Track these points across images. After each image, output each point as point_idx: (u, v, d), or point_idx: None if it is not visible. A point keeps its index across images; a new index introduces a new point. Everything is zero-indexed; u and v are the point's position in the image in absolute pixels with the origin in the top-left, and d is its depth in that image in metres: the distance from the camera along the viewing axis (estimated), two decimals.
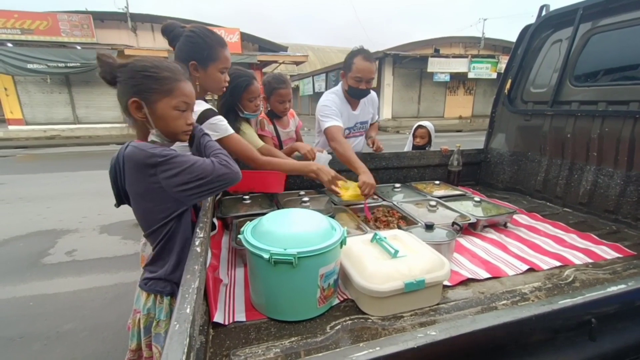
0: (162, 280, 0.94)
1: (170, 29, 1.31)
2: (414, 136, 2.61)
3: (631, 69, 1.60)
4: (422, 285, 0.92)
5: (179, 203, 0.91)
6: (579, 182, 1.76)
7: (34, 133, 11.08)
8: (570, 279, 1.11)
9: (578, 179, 1.77)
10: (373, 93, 2.06)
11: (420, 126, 2.58)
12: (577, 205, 1.77)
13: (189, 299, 0.50)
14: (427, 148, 2.57)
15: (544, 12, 1.92)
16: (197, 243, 0.75)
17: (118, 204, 1.00)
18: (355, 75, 1.75)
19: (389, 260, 0.98)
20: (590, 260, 1.25)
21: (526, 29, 2.02)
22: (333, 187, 1.44)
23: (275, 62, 13.74)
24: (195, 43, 1.25)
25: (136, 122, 0.92)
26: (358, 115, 2.01)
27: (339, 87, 1.94)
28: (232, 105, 1.68)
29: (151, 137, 0.91)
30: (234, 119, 1.67)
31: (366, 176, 1.54)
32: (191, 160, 0.87)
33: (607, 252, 1.31)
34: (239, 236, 0.96)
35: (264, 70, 14.03)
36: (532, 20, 2.01)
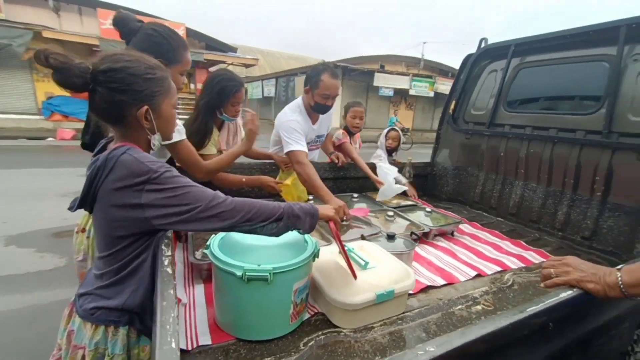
0: (118, 310, 0.81)
1: (125, 22, 1.21)
2: (387, 137, 2.71)
3: (550, 100, 1.89)
4: (391, 295, 0.95)
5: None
6: (510, 195, 2.02)
7: None
8: (510, 283, 1.25)
9: (509, 192, 2.02)
10: None
11: (392, 129, 2.71)
12: (508, 215, 2.02)
13: (171, 331, 0.43)
14: (396, 152, 2.71)
15: (483, 44, 2.18)
16: (165, 263, 0.67)
17: (76, 208, 0.83)
18: (324, 92, 1.75)
19: (359, 272, 0.99)
20: (522, 265, 1.43)
21: (468, 57, 2.26)
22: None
23: (224, 62, 13.24)
24: (158, 44, 1.17)
25: (130, 130, 0.80)
26: (317, 129, 2.01)
27: (300, 103, 1.89)
28: (215, 106, 1.61)
29: (154, 142, 0.83)
30: (211, 119, 1.63)
31: (335, 202, 1.45)
32: (191, 183, 0.76)
33: (534, 257, 1.51)
34: (205, 251, 0.89)
35: (211, 69, 13.42)
36: (464, 47, 2.27)
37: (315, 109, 1.86)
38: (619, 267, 0.74)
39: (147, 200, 0.72)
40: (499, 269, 1.37)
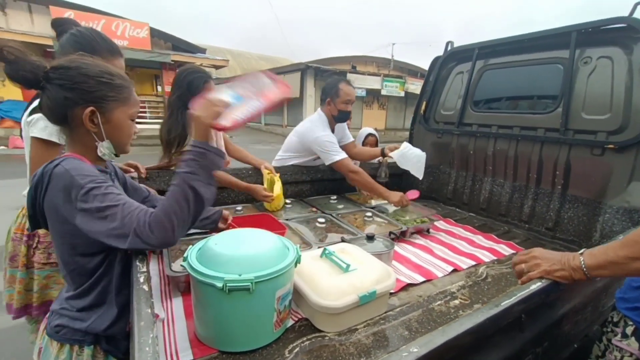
0: (81, 331, 0.77)
1: (60, 23, 1.28)
2: (364, 144, 2.73)
3: (512, 100, 2.01)
4: (374, 296, 0.96)
5: None
6: (480, 191, 2.11)
7: None
8: (484, 276, 1.31)
9: (479, 188, 2.12)
10: None
11: (370, 134, 2.73)
12: (479, 210, 2.11)
13: (151, 352, 0.41)
14: None
15: (449, 48, 2.26)
16: (141, 280, 0.64)
17: (33, 228, 0.80)
18: (345, 99, 1.98)
19: (342, 275, 1.00)
20: (494, 258, 1.50)
21: (436, 59, 2.34)
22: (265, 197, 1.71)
23: (193, 64, 12.85)
24: (78, 43, 1.18)
25: (76, 133, 0.78)
26: None
27: (322, 116, 2.05)
28: (187, 100, 1.56)
29: (101, 150, 0.80)
30: (185, 115, 1.58)
31: (396, 195, 1.88)
32: (120, 201, 0.72)
33: (505, 250, 1.59)
34: (182, 263, 0.86)
35: None
36: (430, 48, 2.37)
37: (338, 118, 2.06)
38: (581, 251, 0.80)
39: (79, 218, 0.70)
40: (473, 262, 1.43)
